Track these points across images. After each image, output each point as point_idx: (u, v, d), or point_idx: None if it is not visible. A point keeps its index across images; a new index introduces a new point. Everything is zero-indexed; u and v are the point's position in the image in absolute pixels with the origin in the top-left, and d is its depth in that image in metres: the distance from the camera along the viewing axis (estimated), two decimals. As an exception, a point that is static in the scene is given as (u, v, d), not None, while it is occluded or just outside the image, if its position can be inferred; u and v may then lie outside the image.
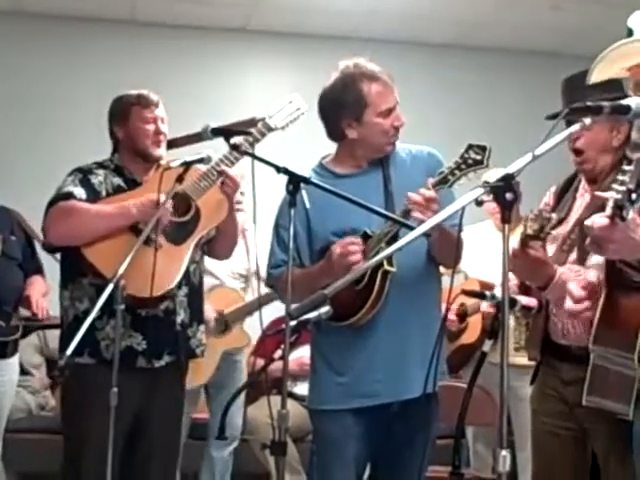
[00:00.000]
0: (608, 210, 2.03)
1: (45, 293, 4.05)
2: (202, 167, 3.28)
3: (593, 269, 2.60)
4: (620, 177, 2.02)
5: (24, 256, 4.12)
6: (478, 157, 2.79)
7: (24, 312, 4.03)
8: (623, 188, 2.00)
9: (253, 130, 3.17)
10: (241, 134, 2.93)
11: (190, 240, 3.31)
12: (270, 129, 3.27)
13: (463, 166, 2.80)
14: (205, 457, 4.85)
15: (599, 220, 2.08)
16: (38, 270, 4.16)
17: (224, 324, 4.67)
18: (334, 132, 3.03)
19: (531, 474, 3.08)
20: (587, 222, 2.14)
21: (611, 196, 2.02)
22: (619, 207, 2.01)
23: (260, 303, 4.35)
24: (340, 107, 2.97)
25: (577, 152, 2.90)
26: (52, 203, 3.26)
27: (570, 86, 2.98)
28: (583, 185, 2.99)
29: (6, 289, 3.95)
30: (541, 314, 2.97)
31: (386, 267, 2.84)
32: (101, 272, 3.15)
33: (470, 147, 2.81)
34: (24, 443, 4.61)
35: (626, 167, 2.02)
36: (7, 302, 3.91)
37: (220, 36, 6.31)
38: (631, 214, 2.03)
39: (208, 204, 3.32)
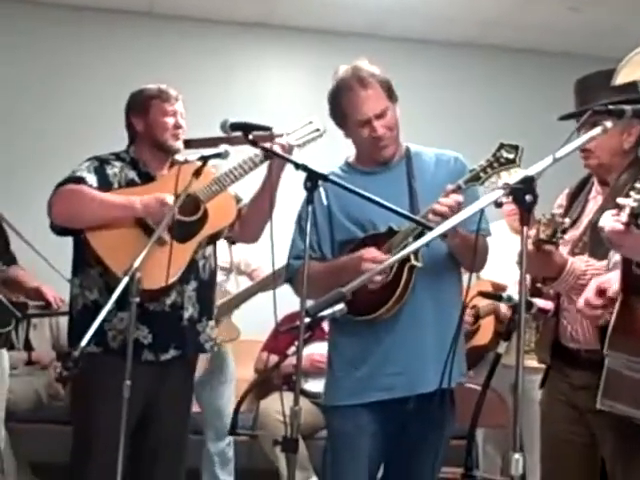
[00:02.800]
0: (624, 217, 2.04)
1: None
2: (218, 163, 3.30)
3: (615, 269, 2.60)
4: (638, 185, 2.03)
5: None
6: (510, 156, 2.83)
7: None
8: (639, 196, 2.01)
9: (269, 145, 3.14)
10: (260, 129, 2.93)
11: (194, 240, 3.33)
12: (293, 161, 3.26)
13: (495, 164, 2.84)
14: (204, 451, 4.88)
15: (613, 224, 2.09)
16: (13, 261, 4.19)
17: None
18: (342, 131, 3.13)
19: (540, 478, 3.09)
20: (600, 223, 2.15)
21: (628, 203, 2.03)
22: (635, 215, 2.02)
23: (246, 297, 4.43)
24: (333, 111, 3.09)
25: (586, 151, 2.91)
26: (62, 184, 3.31)
27: (583, 87, 2.99)
28: (595, 187, 3.01)
29: None
30: (552, 318, 2.98)
31: (413, 262, 2.87)
32: (108, 265, 3.20)
33: (502, 146, 2.85)
34: (35, 434, 4.63)
35: None
36: None
37: (240, 30, 6.30)
38: None
39: (216, 208, 3.35)
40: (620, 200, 2.11)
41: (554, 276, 2.80)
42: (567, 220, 2.71)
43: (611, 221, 2.10)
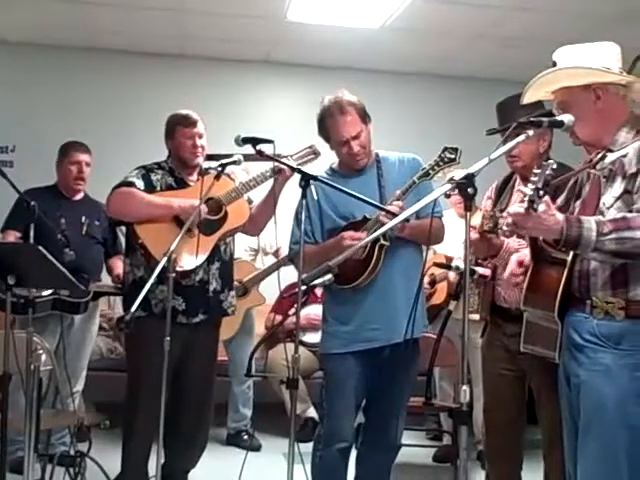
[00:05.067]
0: (525, 203, 2.04)
1: None
2: (237, 170, 3.29)
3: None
4: (532, 178, 2.03)
5: (106, 239, 4.16)
6: (452, 156, 2.84)
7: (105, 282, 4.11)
8: (533, 187, 2.02)
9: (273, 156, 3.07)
10: (264, 142, 2.92)
11: (216, 234, 3.34)
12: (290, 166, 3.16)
13: (441, 163, 2.84)
14: (230, 392, 4.87)
15: (517, 209, 2.09)
16: (119, 252, 4.16)
17: (243, 289, 4.71)
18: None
19: (482, 404, 3.11)
20: (509, 210, 2.16)
21: (527, 192, 2.03)
22: (531, 201, 2.02)
23: (270, 272, 4.43)
24: (320, 131, 3.07)
25: (513, 157, 2.93)
26: (117, 186, 3.32)
27: (502, 108, 3.02)
28: (518, 182, 3.03)
29: (86, 261, 3.98)
30: (490, 285, 3.01)
31: (382, 242, 2.89)
32: (149, 250, 3.22)
33: (445, 149, 2.86)
34: (98, 379, 4.62)
35: (535, 170, 2.03)
36: (87, 271, 3.93)
37: (245, 67, 6.22)
38: (542, 207, 2.04)
39: (234, 210, 3.36)
40: (522, 188, 2.12)
41: (494, 254, 2.83)
42: (505, 214, 2.72)
43: (515, 207, 2.10)
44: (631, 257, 2.09)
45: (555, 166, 2.04)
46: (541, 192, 2.01)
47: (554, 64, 2.28)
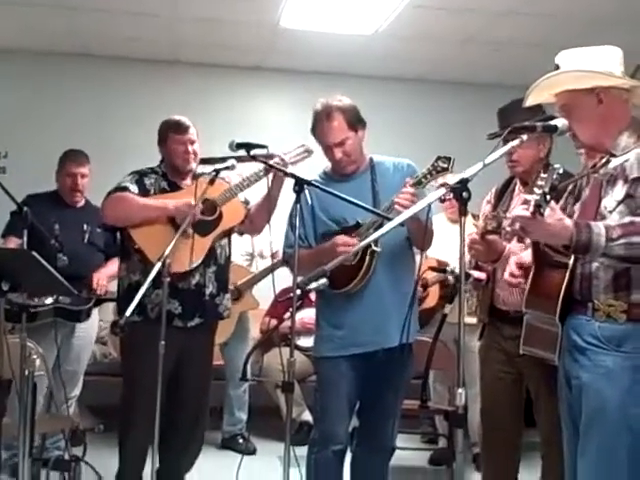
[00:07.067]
0: (531, 208, 2.00)
1: (113, 275, 3.93)
2: (232, 175, 3.30)
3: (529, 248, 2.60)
4: (538, 182, 2.01)
5: (107, 243, 4.10)
6: (445, 165, 2.81)
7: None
8: (540, 191, 1.99)
9: (268, 153, 3.05)
10: (258, 147, 2.91)
11: (212, 234, 3.32)
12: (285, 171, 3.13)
13: (433, 172, 2.82)
14: (225, 395, 4.85)
15: (522, 212, 2.04)
16: (116, 254, 4.14)
17: (237, 293, 4.70)
18: None
19: (480, 407, 3.10)
20: (513, 213, 2.14)
21: (533, 197, 2.01)
22: (538, 206, 1.99)
23: (264, 275, 4.46)
24: (312, 134, 3.05)
25: (513, 162, 2.92)
26: (112, 192, 3.31)
27: (503, 113, 3.02)
28: (518, 187, 3.02)
29: (84, 267, 3.95)
30: (489, 287, 3.00)
31: (374, 248, 2.87)
32: (145, 253, 3.21)
33: (439, 158, 2.83)
34: (91, 384, 4.58)
35: (542, 175, 2.01)
36: (84, 277, 3.90)
37: (239, 73, 6.21)
38: (548, 211, 2.00)
39: (229, 210, 3.34)
40: (526, 196, 2.10)
41: (495, 259, 2.82)
42: (508, 215, 2.71)
43: (520, 210, 2.07)
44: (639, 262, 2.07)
45: (562, 171, 2.02)
46: (548, 196, 1.98)
47: (557, 67, 2.27)
